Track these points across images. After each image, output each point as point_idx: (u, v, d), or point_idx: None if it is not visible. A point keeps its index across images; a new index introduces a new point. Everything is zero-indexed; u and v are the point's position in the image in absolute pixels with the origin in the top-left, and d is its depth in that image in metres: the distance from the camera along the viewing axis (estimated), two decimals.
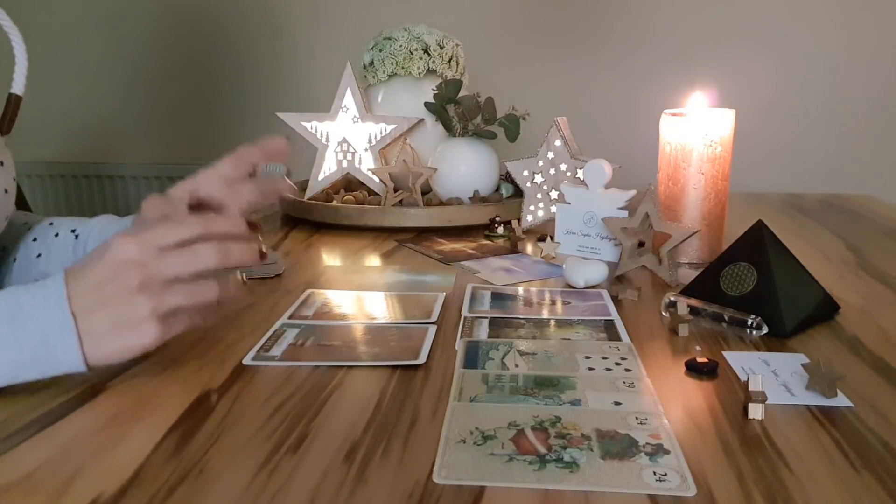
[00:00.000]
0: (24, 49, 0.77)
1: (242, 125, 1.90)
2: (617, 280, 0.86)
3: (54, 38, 1.92)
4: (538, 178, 1.07)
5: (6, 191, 0.74)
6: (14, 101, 0.78)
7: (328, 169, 1.20)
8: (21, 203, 1.26)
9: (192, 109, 1.93)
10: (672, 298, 0.72)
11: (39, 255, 0.76)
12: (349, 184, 1.26)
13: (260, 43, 1.85)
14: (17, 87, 0.77)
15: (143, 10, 1.89)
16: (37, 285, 0.54)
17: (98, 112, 1.96)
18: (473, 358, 0.62)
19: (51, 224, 0.79)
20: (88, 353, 0.53)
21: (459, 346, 0.65)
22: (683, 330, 0.68)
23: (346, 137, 1.19)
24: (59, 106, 1.94)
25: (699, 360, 0.60)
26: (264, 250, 0.60)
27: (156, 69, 1.92)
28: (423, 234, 1.09)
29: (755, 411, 0.52)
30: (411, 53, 1.20)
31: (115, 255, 0.53)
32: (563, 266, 0.85)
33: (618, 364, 0.61)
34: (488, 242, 1.04)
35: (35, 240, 0.78)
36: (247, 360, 0.63)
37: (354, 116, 1.18)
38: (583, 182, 0.95)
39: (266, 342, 0.67)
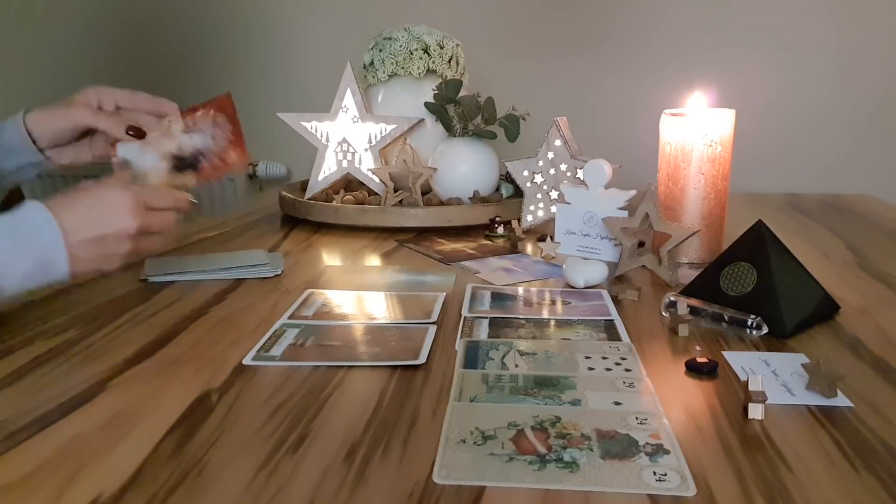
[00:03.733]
0: None
1: (242, 125, 1.90)
2: (617, 280, 0.86)
3: (54, 39, 1.92)
4: (538, 178, 1.07)
5: None
6: None
7: (328, 169, 1.20)
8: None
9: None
10: (672, 298, 0.72)
11: None
12: (349, 184, 1.26)
13: (260, 43, 1.85)
14: None
15: (144, 10, 1.89)
16: (22, 216, 0.67)
17: None
18: (473, 358, 0.62)
19: None
20: (73, 267, 0.67)
21: (459, 346, 0.65)
22: (683, 330, 0.68)
23: (346, 137, 1.19)
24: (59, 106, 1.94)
25: (699, 360, 0.60)
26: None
27: (156, 69, 1.92)
28: (423, 234, 1.09)
29: (755, 411, 0.52)
30: (411, 53, 1.20)
31: (116, 203, 0.69)
32: (563, 266, 0.85)
33: (618, 364, 0.61)
34: (488, 242, 1.04)
35: None
36: (247, 360, 0.63)
37: (354, 116, 1.18)
38: (583, 182, 0.95)
39: (266, 342, 0.67)
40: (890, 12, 1.58)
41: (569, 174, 1.03)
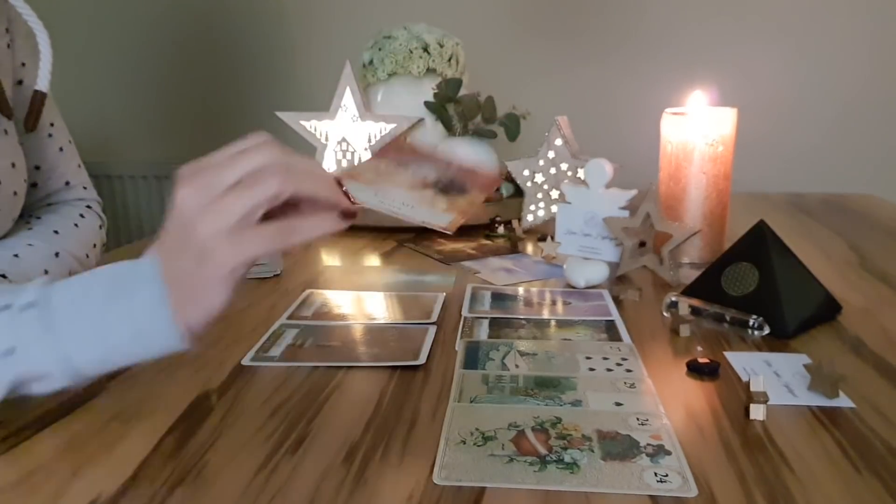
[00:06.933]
0: (49, 45, 0.77)
1: (242, 124, 1.90)
2: (618, 280, 0.85)
3: (54, 38, 1.92)
4: (539, 178, 1.07)
5: (15, 193, 0.73)
6: (38, 99, 0.78)
7: (327, 168, 1.20)
8: None
9: (192, 109, 1.92)
10: (673, 298, 0.71)
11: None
12: None
13: (259, 42, 1.85)
14: (42, 83, 0.77)
15: (143, 9, 1.89)
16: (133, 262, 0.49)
17: (98, 112, 1.95)
18: (473, 358, 0.62)
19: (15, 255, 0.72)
20: (179, 320, 0.47)
21: (459, 346, 0.65)
22: (685, 330, 0.68)
23: (346, 137, 1.19)
24: (58, 106, 1.94)
25: (700, 360, 0.60)
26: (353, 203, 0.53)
27: (155, 69, 1.92)
28: (423, 234, 1.09)
29: (757, 412, 0.52)
30: (411, 52, 1.20)
31: (179, 213, 0.47)
32: (564, 266, 0.85)
33: (619, 364, 0.61)
34: (488, 242, 1.04)
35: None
36: (246, 361, 0.62)
37: (354, 115, 1.18)
38: (583, 181, 0.95)
39: (265, 342, 0.66)
40: (890, 11, 1.58)
41: (569, 174, 1.03)
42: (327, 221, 0.50)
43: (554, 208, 1.03)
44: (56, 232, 0.77)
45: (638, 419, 0.51)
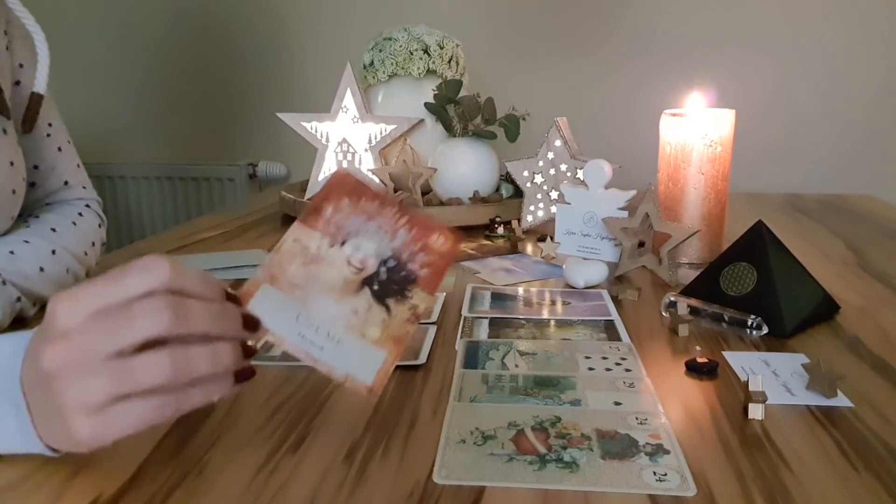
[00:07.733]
0: (46, 47, 0.78)
1: (243, 125, 1.90)
2: (617, 280, 0.86)
3: (55, 39, 1.92)
4: (538, 179, 1.07)
5: (14, 191, 0.73)
6: (35, 100, 0.78)
7: (328, 169, 1.20)
8: None
9: (193, 109, 1.92)
10: (672, 298, 0.72)
11: None
12: None
13: (260, 43, 1.85)
14: (40, 85, 0.78)
15: (144, 10, 1.89)
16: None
17: (98, 112, 1.95)
18: (473, 358, 0.62)
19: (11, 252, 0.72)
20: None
21: (459, 346, 0.65)
22: (683, 330, 0.68)
23: (346, 138, 1.19)
24: (58, 106, 1.94)
25: (699, 360, 0.60)
26: (251, 344, 0.46)
27: (156, 69, 1.92)
28: None
29: (755, 411, 0.52)
30: (411, 54, 1.20)
31: (42, 367, 0.40)
32: (563, 266, 0.85)
33: (618, 364, 0.61)
34: (488, 242, 1.04)
35: None
36: None
37: (354, 117, 1.18)
38: (583, 182, 0.95)
39: (266, 342, 0.66)
40: (889, 11, 1.58)
41: (569, 174, 1.03)
42: (219, 386, 0.42)
43: (553, 209, 1.03)
44: (53, 230, 0.78)
45: (637, 418, 0.51)
